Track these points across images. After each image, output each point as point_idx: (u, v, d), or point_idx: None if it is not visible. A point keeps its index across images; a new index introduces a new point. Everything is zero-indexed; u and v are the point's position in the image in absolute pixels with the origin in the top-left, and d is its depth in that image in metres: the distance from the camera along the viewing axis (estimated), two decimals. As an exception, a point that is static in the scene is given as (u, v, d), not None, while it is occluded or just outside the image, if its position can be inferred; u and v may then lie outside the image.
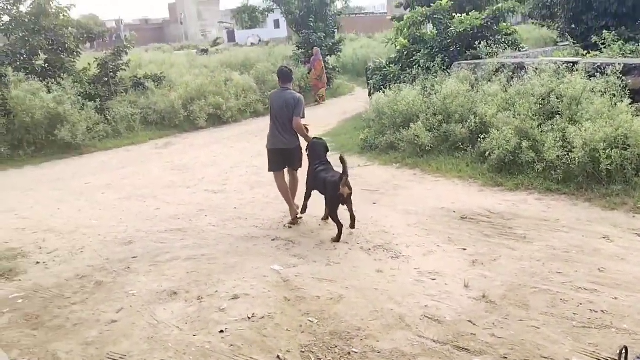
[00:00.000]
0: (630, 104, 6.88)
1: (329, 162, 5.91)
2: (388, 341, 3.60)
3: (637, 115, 6.61)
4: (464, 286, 4.26)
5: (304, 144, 6.14)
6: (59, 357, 3.71)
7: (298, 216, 6.09)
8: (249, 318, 4.00)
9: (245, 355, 3.55)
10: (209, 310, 4.18)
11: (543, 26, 18.19)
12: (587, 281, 4.19)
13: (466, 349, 3.44)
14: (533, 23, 19.70)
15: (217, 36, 58.84)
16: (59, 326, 4.14)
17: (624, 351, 2.28)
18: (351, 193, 5.54)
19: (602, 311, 3.74)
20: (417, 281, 4.42)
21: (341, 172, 5.46)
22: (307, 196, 6.05)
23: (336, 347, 3.58)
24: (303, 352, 3.55)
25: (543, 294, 4.06)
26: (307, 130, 6.10)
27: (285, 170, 6.26)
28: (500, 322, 3.72)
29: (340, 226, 5.43)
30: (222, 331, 3.84)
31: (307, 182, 6.04)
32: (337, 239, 5.41)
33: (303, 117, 6.02)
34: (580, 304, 3.87)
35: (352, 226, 5.60)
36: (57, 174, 9.78)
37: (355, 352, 3.51)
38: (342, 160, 5.56)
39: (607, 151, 5.88)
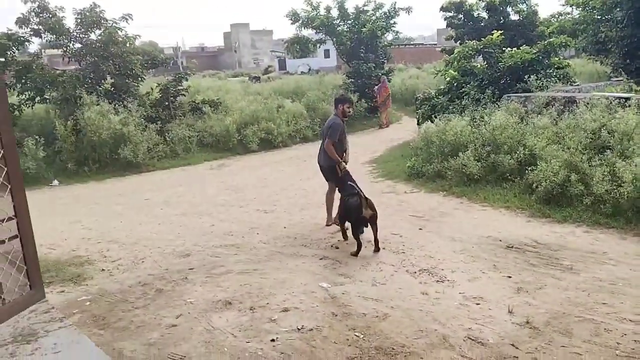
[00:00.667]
0: (684, 140, 6.83)
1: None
2: (431, 359, 3.75)
3: (691, 152, 6.56)
4: (508, 312, 4.35)
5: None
6: (125, 354, 4.04)
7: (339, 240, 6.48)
8: (299, 329, 4.23)
9: (294, 363, 3.78)
10: (261, 320, 4.44)
11: (597, 61, 17.97)
12: (633, 313, 4.21)
13: (508, 370, 3.55)
14: (587, 58, 19.48)
15: (268, 64, 60.69)
16: (123, 327, 4.49)
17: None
18: (375, 214, 5.93)
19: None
20: (461, 305, 4.55)
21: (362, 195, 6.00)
22: (343, 224, 6.41)
23: (381, 361, 3.76)
24: (349, 363, 3.75)
25: (587, 323, 4.11)
26: (343, 156, 6.84)
27: None
28: (543, 348, 3.80)
29: (359, 244, 5.90)
30: (273, 340, 4.09)
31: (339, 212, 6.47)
32: (356, 253, 5.86)
33: (335, 140, 6.72)
34: (625, 334, 3.91)
35: (377, 249, 5.93)
36: (119, 189, 10.42)
37: (400, 367, 3.67)
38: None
39: (657, 186, 5.87)
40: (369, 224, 5.98)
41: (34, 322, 2.81)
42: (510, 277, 5.06)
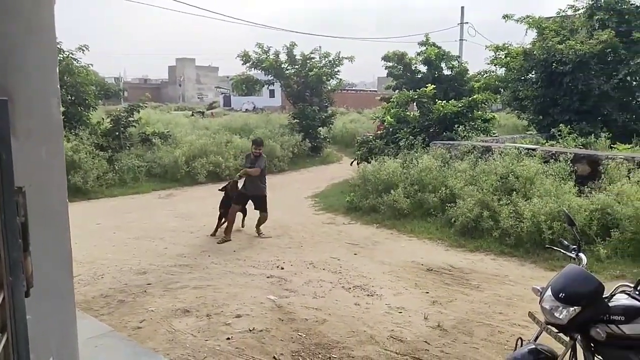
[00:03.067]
0: (575, 185, 8.23)
1: None
2: (360, 352, 4.59)
3: (579, 196, 7.93)
4: (423, 318, 5.29)
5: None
6: (96, 350, 4.62)
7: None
8: (250, 330, 4.97)
9: (248, 355, 4.51)
10: (217, 324, 5.14)
11: (516, 115, 20.03)
12: (522, 320, 5.24)
13: (420, 359, 4.46)
14: (508, 112, 21.62)
15: (213, 100, 61.38)
16: (92, 329, 5.04)
17: (519, 342, 3.36)
18: None
19: (529, 340, 4.77)
20: (386, 313, 5.46)
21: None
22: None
23: (319, 353, 4.57)
24: (294, 355, 4.53)
25: (485, 327, 5.12)
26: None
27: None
28: (449, 344, 4.74)
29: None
30: (228, 338, 4.81)
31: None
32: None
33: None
34: (513, 335, 4.91)
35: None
36: (70, 214, 10.70)
37: (335, 357, 4.49)
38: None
39: (548, 223, 7.11)
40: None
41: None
42: (427, 292, 6.04)
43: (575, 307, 2.89)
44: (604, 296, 2.94)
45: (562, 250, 3.56)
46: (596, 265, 6.73)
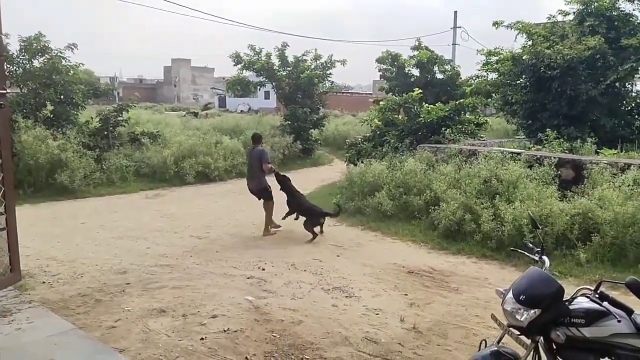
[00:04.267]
0: (558, 189, 8.26)
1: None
2: (333, 353, 4.59)
3: (561, 200, 7.95)
4: (400, 320, 5.29)
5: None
6: (69, 349, 4.59)
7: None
8: (225, 331, 4.96)
9: (220, 355, 4.50)
10: (192, 324, 5.12)
11: (506, 120, 20.09)
12: (497, 323, 5.26)
13: (392, 361, 4.46)
14: (499, 116, 21.70)
15: (208, 101, 61.33)
16: (66, 328, 5.02)
17: (483, 343, 3.37)
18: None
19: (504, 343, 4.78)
20: (363, 314, 5.45)
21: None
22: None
23: (292, 354, 4.56)
24: (266, 356, 4.52)
25: (460, 329, 5.12)
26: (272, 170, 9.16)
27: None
28: (422, 346, 4.75)
29: (314, 235, 8.51)
30: (202, 338, 4.79)
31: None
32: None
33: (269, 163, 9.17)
34: (487, 337, 4.91)
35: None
36: (55, 213, 10.68)
37: (307, 358, 4.49)
38: None
39: (529, 226, 7.13)
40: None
41: (6, 303, 3.42)
42: (406, 295, 6.04)
43: (536, 310, 2.90)
44: (564, 299, 2.95)
45: (525, 253, 3.58)
46: (576, 270, 6.79)
